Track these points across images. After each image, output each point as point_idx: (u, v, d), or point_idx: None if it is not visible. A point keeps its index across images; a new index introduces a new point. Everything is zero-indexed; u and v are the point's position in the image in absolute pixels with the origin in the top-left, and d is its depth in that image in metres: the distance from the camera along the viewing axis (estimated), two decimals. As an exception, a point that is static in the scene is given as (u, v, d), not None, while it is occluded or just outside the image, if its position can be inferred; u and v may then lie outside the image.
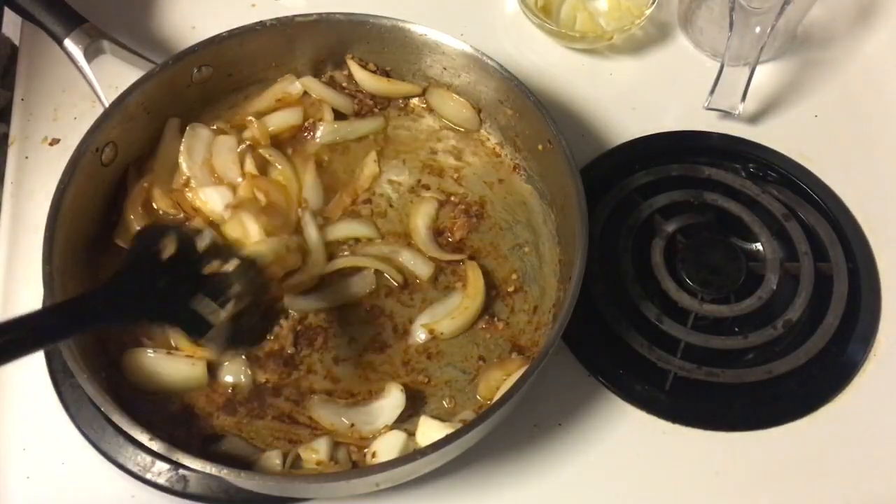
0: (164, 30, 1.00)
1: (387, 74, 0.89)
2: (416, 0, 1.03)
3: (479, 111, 0.87)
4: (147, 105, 0.80)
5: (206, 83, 0.84)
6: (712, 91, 0.90)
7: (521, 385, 0.65)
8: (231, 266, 0.68)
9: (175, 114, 0.83)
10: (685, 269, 0.83)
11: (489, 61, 0.82)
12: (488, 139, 0.88)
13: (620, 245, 0.84)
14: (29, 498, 0.73)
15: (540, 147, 0.81)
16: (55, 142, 0.91)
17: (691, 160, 0.91)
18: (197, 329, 0.65)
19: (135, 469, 0.73)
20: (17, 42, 1.00)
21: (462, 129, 0.88)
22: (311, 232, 0.80)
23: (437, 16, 1.02)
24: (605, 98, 0.97)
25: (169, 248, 0.65)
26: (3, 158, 0.91)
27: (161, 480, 0.72)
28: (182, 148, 0.82)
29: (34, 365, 0.78)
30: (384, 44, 0.86)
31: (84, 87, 0.83)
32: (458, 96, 0.87)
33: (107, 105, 0.78)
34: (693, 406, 0.78)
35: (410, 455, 0.63)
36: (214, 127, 0.84)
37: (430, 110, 0.89)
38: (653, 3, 0.97)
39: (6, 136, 0.92)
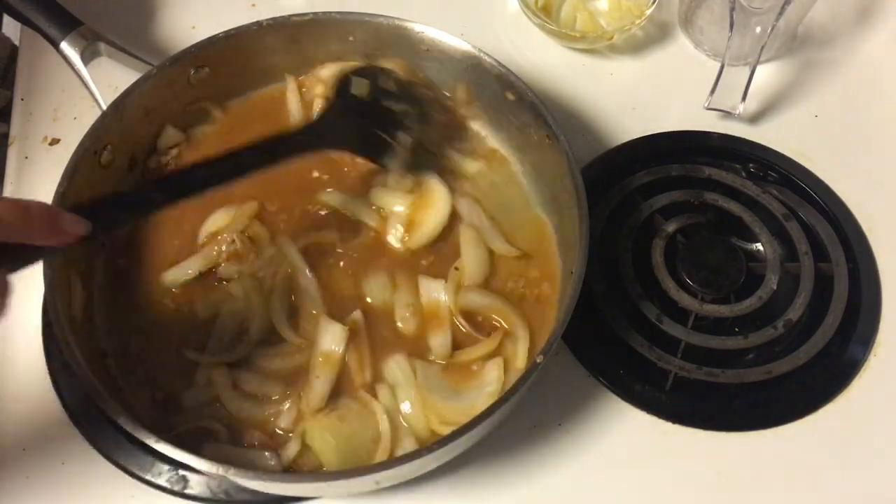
0: (165, 30, 1.00)
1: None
2: (414, 1, 1.03)
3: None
4: (146, 107, 0.80)
5: (205, 84, 0.83)
6: (713, 91, 0.90)
7: (521, 385, 0.65)
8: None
9: (174, 115, 0.83)
10: (685, 269, 0.83)
11: (487, 58, 0.82)
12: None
13: (620, 245, 0.84)
14: (29, 498, 0.73)
15: (536, 138, 0.81)
16: (55, 142, 0.91)
17: (691, 160, 0.91)
18: (378, 153, 0.80)
19: (135, 469, 0.73)
20: (17, 42, 1.00)
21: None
22: None
23: (437, 16, 1.02)
24: (606, 98, 0.97)
25: (362, 89, 0.80)
26: (3, 158, 0.91)
27: (161, 480, 0.72)
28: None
29: (34, 365, 0.78)
30: (382, 42, 0.86)
31: (84, 87, 0.83)
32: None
33: (104, 107, 0.78)
34: (693, 406, 0.78)
35: (410, 454, 0.62)
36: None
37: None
38: (653, 2, 0.97)
39: (6, 136, 0.92)
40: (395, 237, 0.80)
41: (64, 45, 0.81)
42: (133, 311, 0.76)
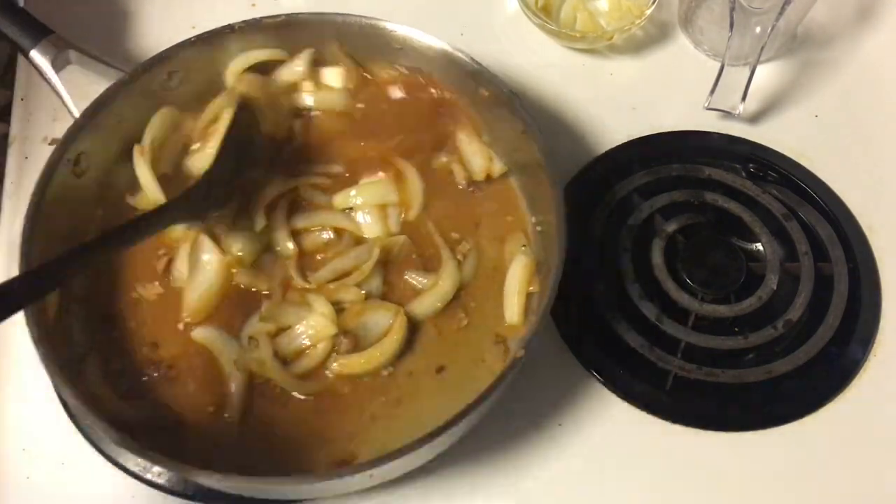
0: (165, 31, 1.00)
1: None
2: (414, 1, 1.03)
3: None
4: (119, 114, 0.78)
5: (179, 89, 0.82)
6: (712, 91, 0.90)
7: (508, 373, 0.65)
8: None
9: (147, 122, 0.81)
10: (685, 269, 0.83)
11: (460, 55, 0.81)
12: None
13: (620, 245, 0.84)
14: (29, 498, 0.73)
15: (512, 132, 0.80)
16: (55, 142, 0.90)
17: (691, 160, 0.91)
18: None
19: (135, 469, 0.73)
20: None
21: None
22: None
23: (436, 16, 1.02)
24: (606, 98, 0.97)
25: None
26: (4, 158, 0.91)
27: (161, 480, 0.72)
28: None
29: (34, 365, 0.78)
30: (356, 42, 0.85)
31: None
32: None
33: (77, 115, 0.77)
34: (693, 406, 0.78)
35: (401, 450, 0.62)
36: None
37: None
38: (653, 2, 0.97)
39: (6, 136, 0.92)
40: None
41: (34, 54, 0.80)
42: (107, 320, 0.74)
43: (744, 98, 0.90)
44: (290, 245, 0.78)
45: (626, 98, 0.97)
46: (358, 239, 0.79)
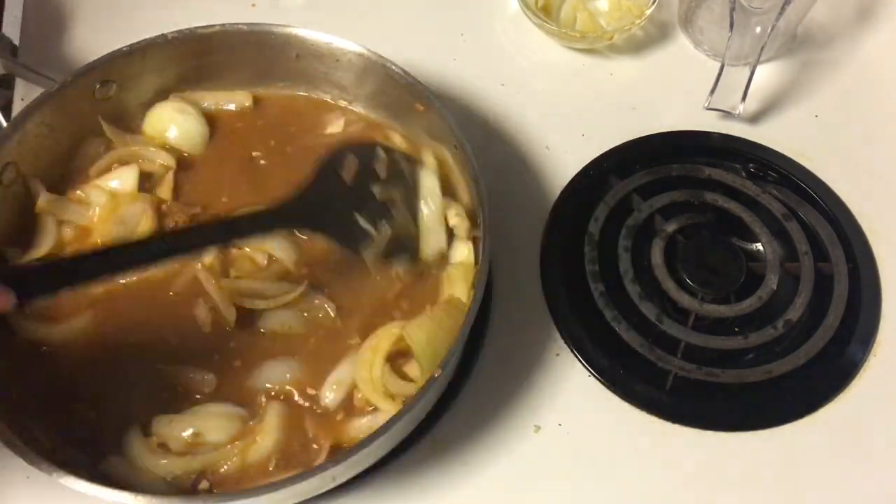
0: (165, 30, 1.00)
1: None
2: (414, 2, 1.03)
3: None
4: (50, 123, 0.77)
5: (112, 98, 0.81)
6: (712, 91, 0.90)
7: (455, 350, 0.65)
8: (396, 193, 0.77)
9: (82, 130, 0.81)
10: (685, 269, 0.83)
11: (395, 69, 0.79)
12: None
13: (620, 245, 0.84)
14: (30, 497, 0.73)
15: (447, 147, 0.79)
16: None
17: (691, 160, 0.91)
18: (354, 240, 0.74)
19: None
20: (17, 42, 1.00)
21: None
22: None
23: (436, 16, 1.02)
24: (606, 98, 0.97)
25: (350, 169, 0.76)
26: None
27: (161, 480, 0.72)
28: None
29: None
30: (292, 55, 0.83)
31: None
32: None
33: (4, 125, 0.76)
34: (693, 406, 0.78)
35: (360, 444, 0.62)
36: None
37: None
38: (653, 2, 0.97)
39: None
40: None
41: None
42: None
43: (744, 98, 0.90)
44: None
45: (626, 98, 0.97)
46: (284, 272, 0.76)
